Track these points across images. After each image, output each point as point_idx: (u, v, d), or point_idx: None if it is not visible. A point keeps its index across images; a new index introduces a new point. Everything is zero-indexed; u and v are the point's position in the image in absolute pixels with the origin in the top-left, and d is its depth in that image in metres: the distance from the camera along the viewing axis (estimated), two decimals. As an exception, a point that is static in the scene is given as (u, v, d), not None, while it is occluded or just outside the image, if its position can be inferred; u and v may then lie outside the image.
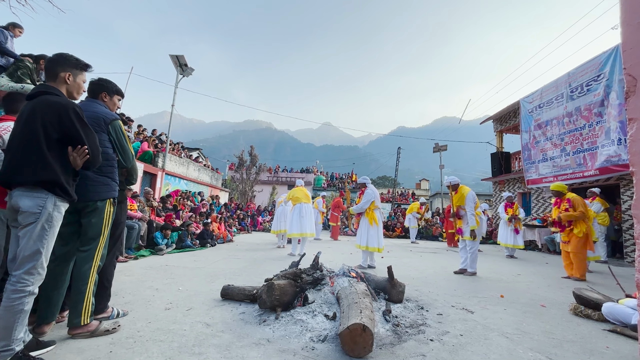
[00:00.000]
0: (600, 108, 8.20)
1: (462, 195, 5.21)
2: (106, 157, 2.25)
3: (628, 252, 7.93)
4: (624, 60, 0.93)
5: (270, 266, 5.06)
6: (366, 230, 5.35)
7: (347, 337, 1.94)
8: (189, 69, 12.76)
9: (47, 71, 1.99)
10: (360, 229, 5.48)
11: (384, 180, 47.45)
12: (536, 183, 10.77)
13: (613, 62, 7.92)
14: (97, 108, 2.33)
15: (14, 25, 5.10)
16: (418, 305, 3.08)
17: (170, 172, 12.55)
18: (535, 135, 10.79)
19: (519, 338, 2.39)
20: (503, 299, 3.56)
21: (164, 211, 7.98)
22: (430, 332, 2.42)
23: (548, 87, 10.30)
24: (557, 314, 3.07)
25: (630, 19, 0.90)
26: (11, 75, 4.72)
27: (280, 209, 8.16)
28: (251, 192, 21.25)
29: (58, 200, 1.81)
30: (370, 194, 5.44)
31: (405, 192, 27.63)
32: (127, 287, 3.39)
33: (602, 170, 8.10)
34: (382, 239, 5.47)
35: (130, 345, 2.00)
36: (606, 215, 7.72)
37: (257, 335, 2.23)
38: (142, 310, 2.66)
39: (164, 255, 6.01)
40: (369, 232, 5.32)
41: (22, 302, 1.66)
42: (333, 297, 2.88)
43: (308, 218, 6.51)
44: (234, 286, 3.13)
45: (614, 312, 2.75)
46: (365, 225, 5.39)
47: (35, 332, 2.02)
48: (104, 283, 2.46)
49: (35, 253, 1.70)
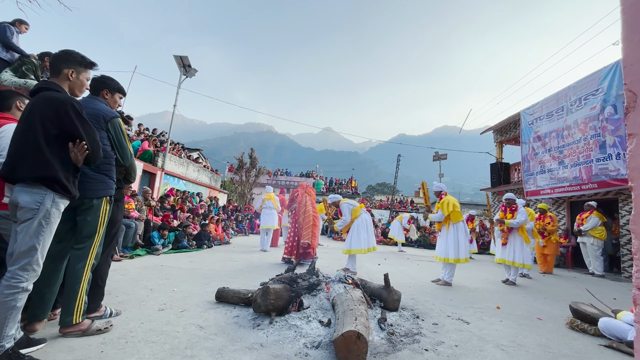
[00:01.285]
0: (595, 122, 8.26)
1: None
2: (104, 155, 2.23)
3: (625, 267, 7.90)
4: (624, 76, 0.93)
5: (266, 270, 5.03)
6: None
7: (341, 344, 1.92)
8: (192, 70, 12.81)
9: (51, 67, 2.00)
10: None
11: (383, 187, 47.50)
12: (535, 195, 10.78)
13: (612, 77, 7.98)
14: (97, 105, 2.33)
15: (20, 22, 5.13)
16: (414, 314, 3.06)
17: (169, 172, 12.54)
18: (534, 147, 10.82)
19: (514, 351, 2.37)
20: (499, 311, 3.54)
21: (161, 211, 7.95)
22: (425, 341, 2.40)
23: (549, 100, 10.36)
24: (553, 328, 3.06)
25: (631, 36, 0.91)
26: (15, 70, 4.74)
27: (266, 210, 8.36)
28: (250, 195, 21.22)
29: (57, 196, 1.80)
30: (347, 207, 5.50)
31: (404, 200, 27.61)
32: (121, 287, 3.37)
33: (601, 184, 8.12)
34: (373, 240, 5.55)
35: (122, 345, 1.97)
36: (603, 229, 7.72)
37: (250, 340, 2.21)
38: (136, 311, 2.63)
39: (160, 255, 5.97)
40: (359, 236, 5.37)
41: (15, 298, 1.65)
42: (328, 303, 2.86)
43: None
44: (229, 289, 3.11)
45: (610, 328, 2.74)
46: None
47: (26, 329, 2.00)
48: (97, 282, 2.44)
49: (31, 249, 1.70)
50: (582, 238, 8.00)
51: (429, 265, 7.60)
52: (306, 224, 5.90)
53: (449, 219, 5.10)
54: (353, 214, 5.45)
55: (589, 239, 7.77)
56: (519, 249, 5.42)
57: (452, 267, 4.99)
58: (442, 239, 5.18)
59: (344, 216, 5.46)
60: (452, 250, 4.96)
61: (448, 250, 4.99)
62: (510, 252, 5.48)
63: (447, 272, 4.99)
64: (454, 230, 5.08)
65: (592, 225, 7.69)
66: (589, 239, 7.77)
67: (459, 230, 5.09)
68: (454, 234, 5.05)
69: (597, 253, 7.71)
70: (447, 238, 5.08)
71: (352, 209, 5.47)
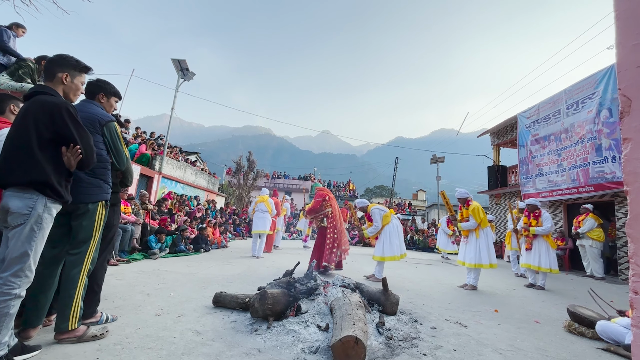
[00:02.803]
0: (592, 125, 8.33)
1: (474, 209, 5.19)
2: (100, 159, 2.21)
3: (622, 269, 7.93)
4: (618, 80, 0.94)
5: (264, 274, 5.01)
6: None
7: (339, 349, 1.91)
8: (190, 73, 12.83)
9: (46, 71, 1.99)
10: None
11: (381, 189, 47.52)
12: (533, 198, 10.83)
13: (607, 81, 8.07)
14: (92, 109, 2.31)
15: (17, 25, 5.13)
16: (412, 318, 3.05)
17: (167, 176, 12.50)
18: (532, 150, 10.89)
19: (512, 355, 2.36)
20: (497, 314, 3.53)
21: (159, 214, 7.91)
22: (424, 346, 2.39)
23: (545, 103, 10.45)
24: (551, 331, 3.05)
25: (625, 41, 0.92)
26: (12, 74, 4.73)
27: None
28: (248, 198, 21.18)
29: (49, 201, 1.78)
30: (378, 212, 5.35)
31: (402, 202, 27.65)
32: (117, 292, 3.34)
33: (597, 186, 8.18)
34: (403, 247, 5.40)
35: (118, 352, 1.95)
36: (601, 231, 7.76)
37: (248, 345, 2.19)
38: (132, 316, 2.61)
39: (157, 259, 5.94)
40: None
41: (7, 305, 1.62)
42: (326, 308, 2.85)
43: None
44: (227, 293, 3.09)
45: (608, 331, 2.74)
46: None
47: (20, 336, 1.97)
48: (93, 287, 2.41)
49: (23, 255, 1.67)
50: (580, 241, 8.03)
51: (427, 268, 7.59)
52: (344, 231, 5.63)
53: (480, 225, 5.11)
54: (384, 220, 5.32)
55: (588, 241, 7.80)
56: (544, 254, 5.49)
57: (479, 271, 5.03)
58: (471, 245, 5.11)
59: (375, 222, 5.30)
60: (485, 255, 4.98)
61: (481, 256, 4.98)
62: (535, 257, 5.55)
63: (474, 276, 5.00)
64: (484, 235, 5.10)
65: (588, 228, 7.73)
66: (588, 241, 7.80)
67: (488, 235, 5.14)
68: (485, 240, 5.07)
69: (597, 255, 7.72)
70: (477, 244, 5.05)
71: (383, 214, 5.35)
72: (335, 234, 5.51)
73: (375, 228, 5.31)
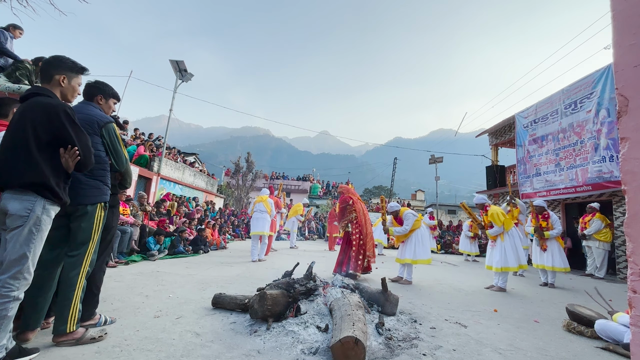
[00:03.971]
0: (591, 125, 8.36)
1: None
2: (98, 161, 2.21)
3: (620, 268, 7.95)
4: (616, 80, 0.94)
5: (263, 275, 5.00)
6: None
7: (339, 350, 1.91)
8: (189, 75, 12.82)
9: (42, 73, 1.98)
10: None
11: (379, 190, 47.55)
12: (531, 197, 10.84)
13: (605, 80, 8.09)
14: (91, 110, 2.30)
15: (14, 27, 5.11)
16: (411, 319, 3.05)
17: (165, 177, 12.48)
18: (530, 150, 10.92)
19: (512, 354, 2.36)
20: (497, 314, 3.54)
21: (157, 216, 7.90)
22: (423, 346, 2.39)
23: (543, 103, 10.48)
24: (550, 330, 3.06)
25: (622, 41, 0.92)
26: (9, 75, 4.71)
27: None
28: (246, 199, 21.16)
29: (48, 203, 1.77)
30: (412, 216, 5.36)
31: (401, 203, 27.67)
32: (116, 293, 3.33)
33: (595, 186, 8.19)
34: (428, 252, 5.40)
35: (117, 354, 1.95)
36: (608, 231, 7.50)
37: (247, 346, 2.19)
38: (131, 318, 2.60)
39: (156, 260, 5.92)
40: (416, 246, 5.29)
41: (5, 307, 1.62)
42: (326, 308, 2.85)
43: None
44: (226, 295, 3.08)
45: (607, 330, 2.75)
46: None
47: (18, 338, 1.96)
48: (92, 289, 2.41)
49: (21, 257, 1.67)
50: (587, 242, 7.82)
51: (426, 268, 7.59)
52: (370, 234, 5.48)
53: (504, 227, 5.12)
54: (415, 224, 5.35)
55: (595, 242, 7.56)
56: (557, 254, 5.66)
57: (507, 274, 5.04)
58: (497, 249, 5.10)
59: (407, 225, 5.31)
60: (512, 258, 4.97)
61: (507, 260, 4.96)
62: (549, 257, 5.70)
63: (502, 279, 5.01)
64: (509, 237, 5.09)
65: (595, 229, 7.46)
66: (595, 243, 7.56)
67: (514, 237, 5.13)
68: (511, 242, 5.06)
69: (604, 256, 7.47)
70: (502, 247, 5.04)
71: (415, 219, 5.38)
72: (360, 240, 5.28)
73: (404, 230, 5.31)
